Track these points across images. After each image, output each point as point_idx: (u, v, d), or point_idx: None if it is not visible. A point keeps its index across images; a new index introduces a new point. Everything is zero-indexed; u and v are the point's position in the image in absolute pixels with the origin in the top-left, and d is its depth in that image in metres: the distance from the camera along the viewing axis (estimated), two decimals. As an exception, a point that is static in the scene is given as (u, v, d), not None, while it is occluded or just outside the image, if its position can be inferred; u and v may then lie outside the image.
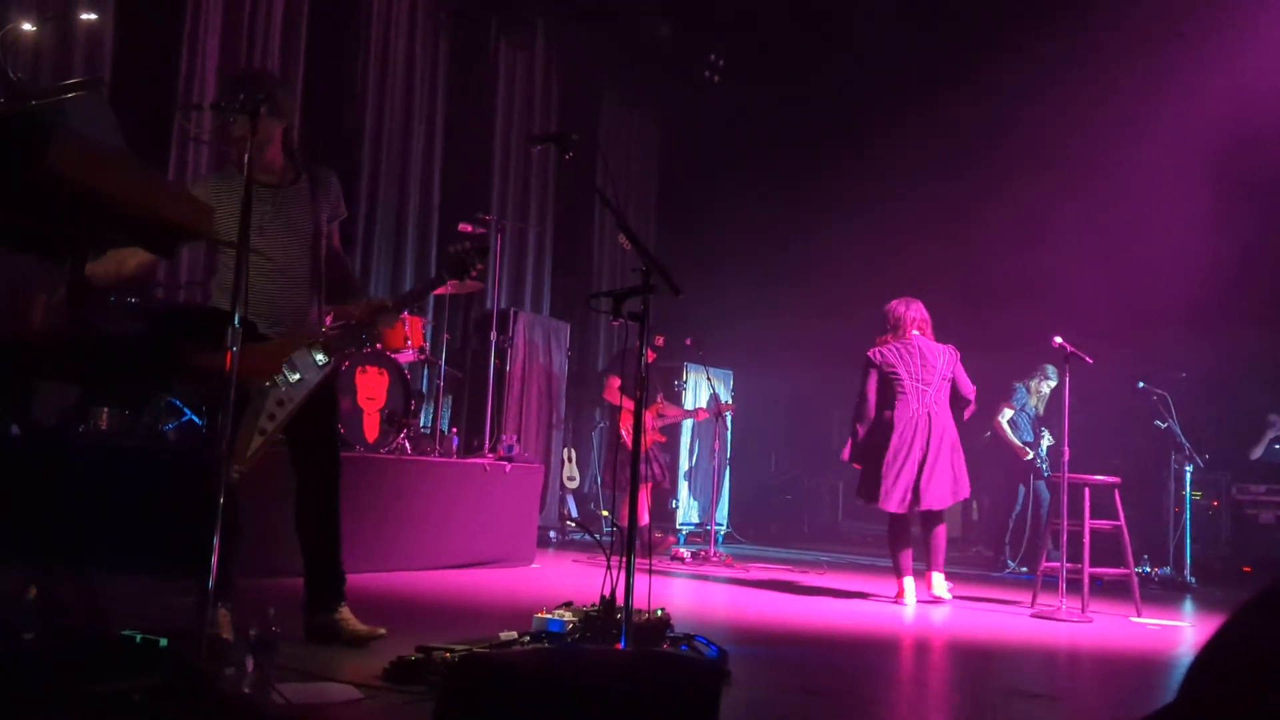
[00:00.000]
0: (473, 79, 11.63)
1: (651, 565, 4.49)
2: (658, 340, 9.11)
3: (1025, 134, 11.31)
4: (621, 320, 3.96)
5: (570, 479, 11.07)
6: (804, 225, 12.37)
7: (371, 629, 4.18)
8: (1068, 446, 6.95)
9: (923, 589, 7.02)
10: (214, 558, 3.16)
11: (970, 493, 7.45)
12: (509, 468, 7.82)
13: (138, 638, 3.21)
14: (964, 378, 7.27)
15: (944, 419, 7.12)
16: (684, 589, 7.34)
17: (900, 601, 6.93)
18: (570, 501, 11.12)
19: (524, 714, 1.92)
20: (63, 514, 4.96)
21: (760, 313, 12.58)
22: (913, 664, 5.09)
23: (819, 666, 4.75)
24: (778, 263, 12.70)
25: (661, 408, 9.87)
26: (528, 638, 3.93)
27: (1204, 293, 10.18)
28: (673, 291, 4.08)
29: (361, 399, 7.37)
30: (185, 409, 6.52)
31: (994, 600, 7.48)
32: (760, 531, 13.03)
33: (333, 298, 4.44)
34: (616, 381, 9.13)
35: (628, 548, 3.77)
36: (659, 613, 4.26)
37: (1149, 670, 5.24)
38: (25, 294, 3.60)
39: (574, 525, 10.32)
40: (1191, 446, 9.63)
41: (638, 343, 4.02)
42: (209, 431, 3.64)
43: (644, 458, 8.15)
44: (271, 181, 4.22)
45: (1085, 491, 6.91)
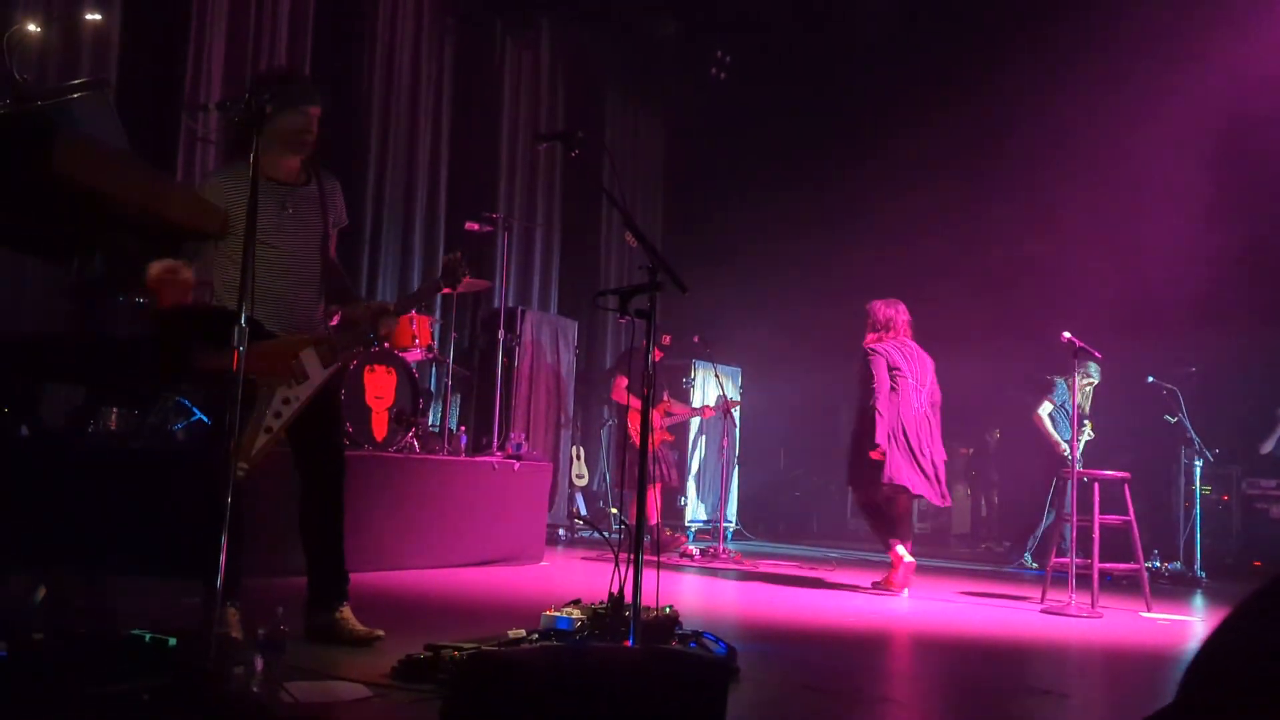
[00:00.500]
0: (478, 79, 11.63)
1: (660, 562, 4.49)
2: (664, 339, 9.11)
3: (1032, 130, 11.28)
4: (628, 318, 3.96)
5: (579, 477, 11.07)
6: (811, 222, 12.34)
7: (370, 630, 4.18)
8: (1076, 441, 6.93)
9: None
10: (222, 557, 3.16)
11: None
12: (517, 466, 7.82)
13: (146, 637, 3.22)
14: (937, 384, 7.46)
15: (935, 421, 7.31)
16: (693, 586, 7.34)
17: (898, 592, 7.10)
18: (579, 499, 11.12)
19: (531, 711, 1.91)
20: (71, 514, 4.97)
21: (768, 310, 12.56)
22: (922, 661, 5.08)
23: (827, 664, 4.74)
24: (785, 260, 12.66)
25: (669, 406, 9.86)
26: (536, 635, 3.92)
27: (1214, 286, 10.14)
28: (679, 289, 4.07)
29: (370, 398, 7.38)
30: (194, 409, 6.53)
31: (1004, 596, 7.47)
32: (769, 529, 13.02)
33: (331, 301, 4.47)
34: (624, 381, 9.13)
35: (635, 545, 3.77)
36: (667, 610, 4.25)
37: (1159, 666, 5.22)
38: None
39: (582, 523, 10.32)
40: (1201, 441, 9.59)
41: (644, 341, 4.01)
42: (215, 430, 3.65)
43: (652, 457, 8.17)
44: (289, 181, 4.26)
45: (1095, 487, 6.90)
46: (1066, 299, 10.41)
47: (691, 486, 11.45)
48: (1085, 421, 9.39)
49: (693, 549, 9.32)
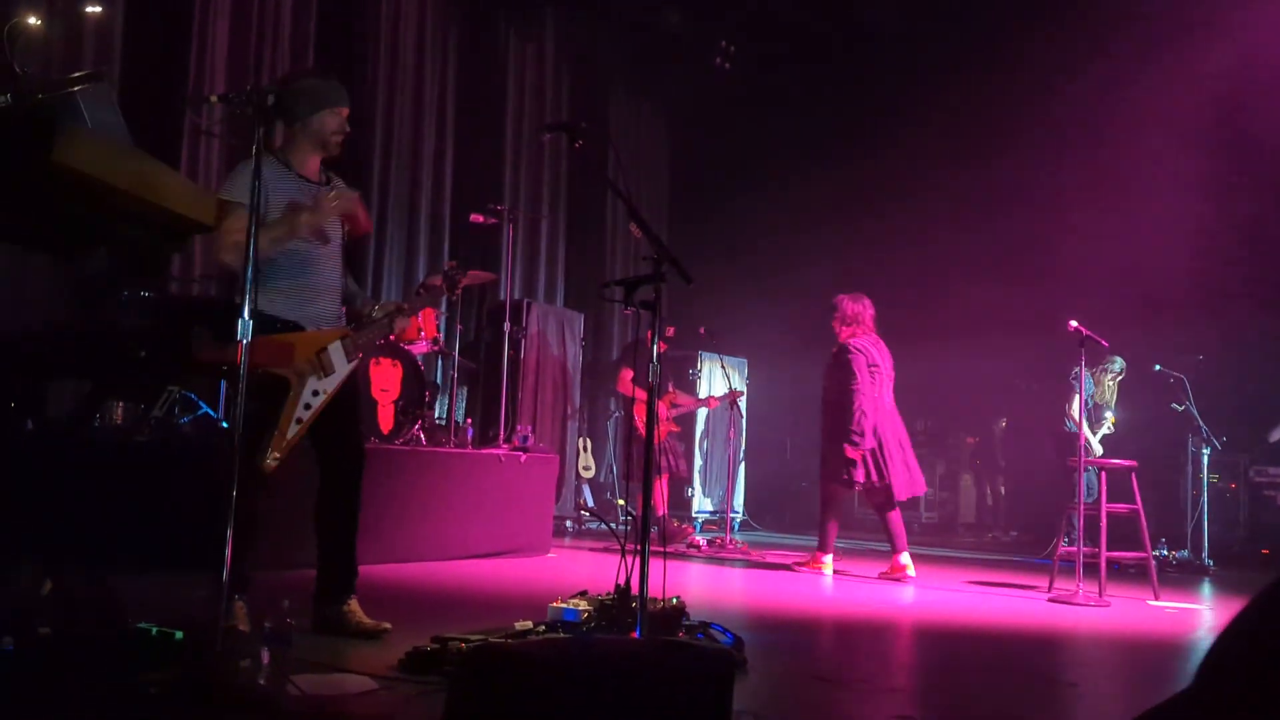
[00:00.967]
0: (482, 72, 11.61)
1: (666, 552, 4.48)
2: (669, 331, 9.09)
3: (1040, 121, 11.25)
4: (633, 309, 3.95)
5: (586, 469, 11.06)
6: (817, 212, 12.31)
7: (377, 623, 4.20)
8: (1082, 431, 6.92)
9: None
10: (228, 550, 3.16)
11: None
12: (524, 458, 7.81)
13: (154, 631, 3.22)
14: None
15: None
16: (700, 577, 7.33)
17: (822, 572, 7.58)
18: (586, 491, 11.11)
19: (537, 703, 1.91)
20: (78, 508, 4.98)
21: (774, 301, 12.52)
22: (929, 650, 5.07)
23: (835, 654, 4.74)
24: (791, 250, 12.63)
25: (674, 397, 9.85)
26: (543, 627, 3.92)
27: (1222, 274, 10.11)
28: (684, 280, 4.06)
29: (376, 391, 7.37)
30: (200, 402, 6.53)
31: (1011, 585, 7.46)
32: (776, 519, 13.01)
33: (341, 301, 4.52)
34: (629, 373, 9.12)
35: (642, 536, 3.76)
36: (674, 601, 4.24)
37: (1167, 654, 5.21)
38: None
39: (589, 515, 10.32)
40: (1209, 429, 9.56)
41: (649, 332, 4.01)
42: (230, 424, 3.65)
43: (659, 449, 8.18)
44: (314, 180, 4.32)
45: (1102, 475, 6.88)
46: (1074, 287, 10.37)
47: (697, 477, 11.45)
48: (1107, 414, 9.34)
49: (700, 540, 9.31)
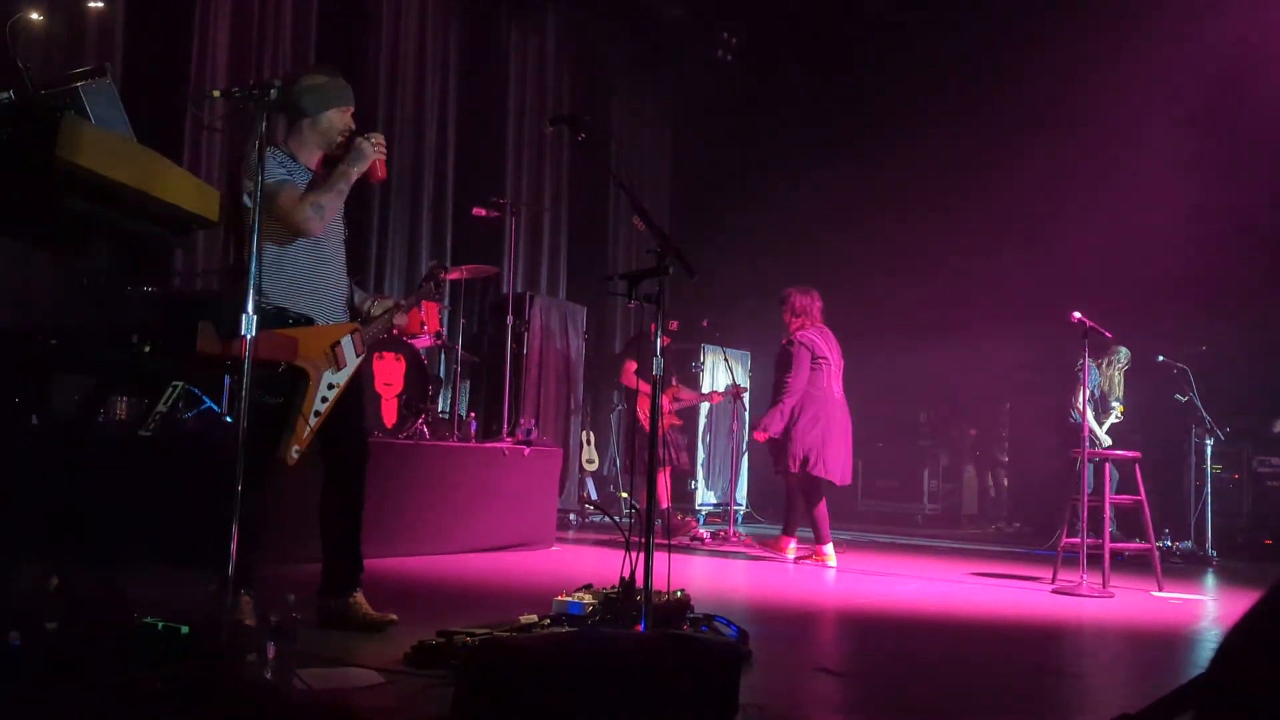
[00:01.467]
0: (484, 63, 11.59)
1: (670, 545, 4.49)
2: (672, 324, 9.09)
3: (1043, 108, 11.23)
4: (637, 302, 3.95)
5: (589, 461, 11.07)
6: (819, 205, 12.29)
7: (383, 615, 4.21)
8: (1086, 423, 6.93)
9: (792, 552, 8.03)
10: (233, 545, 3.17)
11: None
12: (528, 451, 7.82)
13: (159, 626, 3.22)
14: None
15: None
16: (704, 569, 7.34)
17: (827, 564, 7.75)
18: (590, 484, 11.12)
19: (543, 698, 1.91)
20: (83, 504, 4.99)
21: (777, 294, 12.50)
22: (933, 642, 5.06)
23: (839, 646, 4.74)
24: (793, 242, 12.61)
25: (677, 391, 9.85)
26: (548, 621, 3.92)
27: (1225, 265, 10.09)
28: (688, 273, 4.06)
29: (379, 385, 7.38)
30: (204, 397, 6.53)
31: (1015, 577, 7.46)
32: (779, 511, 12.98)
33: None
34: (633, 365, 9.13)
35: (646, 529, 3.76)
36: (679, 594, 4.25)
37: (1171, 645, 5.21)
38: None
39: (593, 509, 10.31)
40: (1212, 420, 9.55)
41: (653, 325, 4.02)
42: (234, 420, 3.65)
43: (661, 441, 8.21)
44: (320, 175, 4.33)
45: (1106, 467, 6.88)
46: (1077, 278, 10.36)
47: (700, 470, 11.45)
48: (1114, 404, 9.32)
49: (703, 532, 9.32)
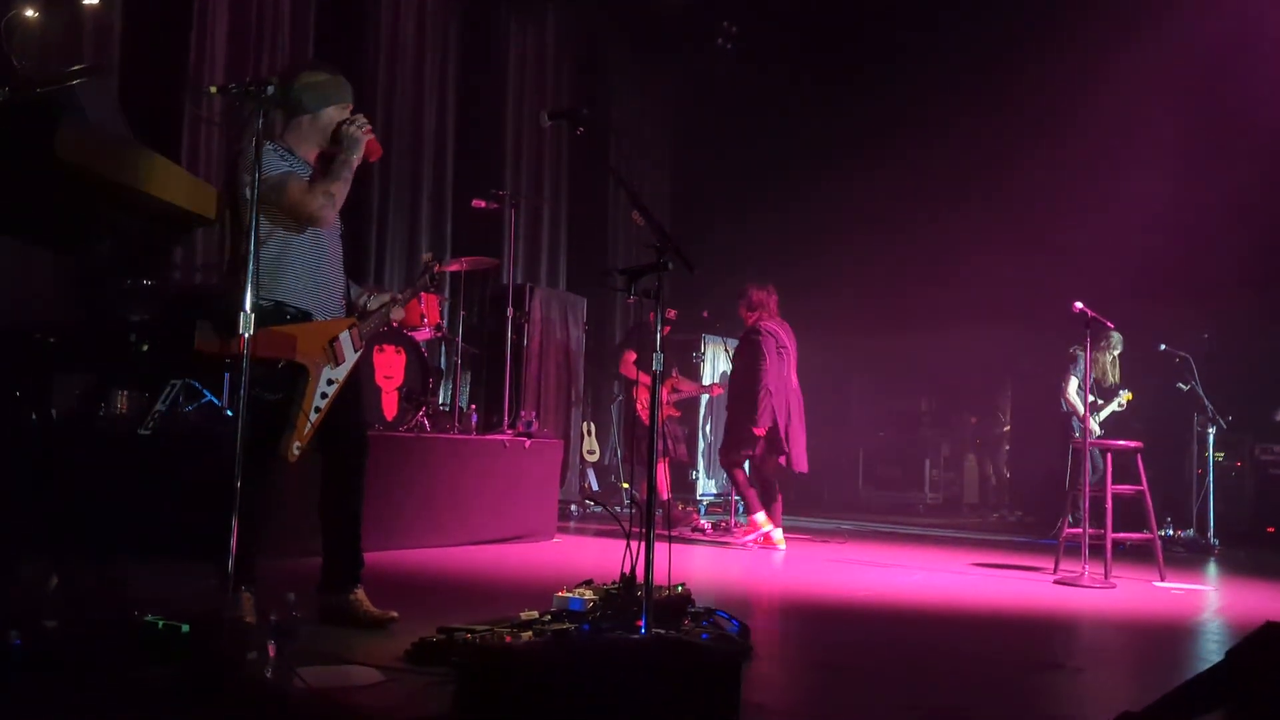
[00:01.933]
0: (483, 56, 11.56)
1: (671, 536, 4.49)
2: (670, 314, 9.06)
3: (1040, 100, 11.20)
4: (636, 298, 3.95)
5: (590, 453, 11.06)
6: (819, 198, 12.27)
7: (384, 612, 4.20)
8: (1087, 411, 6.93)
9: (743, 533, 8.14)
10: (233, 541, 3.17)
11: None
12: (528, 443, 7.81)
13: (160, 624, 3.22)
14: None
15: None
16: (705, 561, 7.34)
17: (776, 547, 7.92)
18: (591, 475, 11.11)
19: (539, 704, 1.91)
20: (84, 500, 4.98)
21: (777, 284, 12.49)
22: (934, 635, 5.06)
23: (842, 640, 4.74)
24: (794, 234, 12.60)
25: (676, 382, 9.84)
26: (549, 617, 3.91)
27: (1226, 252, 10.07)
28: (687, 269, 4.05)
29: (379, 378, 7.38)
30: (205, 391, 6.52)
31: (1017, 567, 7.46)
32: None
33: None
34: (632, 355, 9.12)
35: (647, 524, 3.76)
36: (679, 589, 4.24)
37: (1172, 636, 5.21)
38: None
39: (592, 504, 10.28)
40: (1215, 408, 9.54)
41: (651, 315, 4.01)
42: (234, 415, 3.64)
43: (659, 433, 8.28)
44: (319, 169, 4.32)
45: (1107, 457, 6.88)
46: (1079, 266, 10.34)
47: (701, 460, 11.45)
48: (1120, 391, 9.27)
49: (704, 523, 9.32)
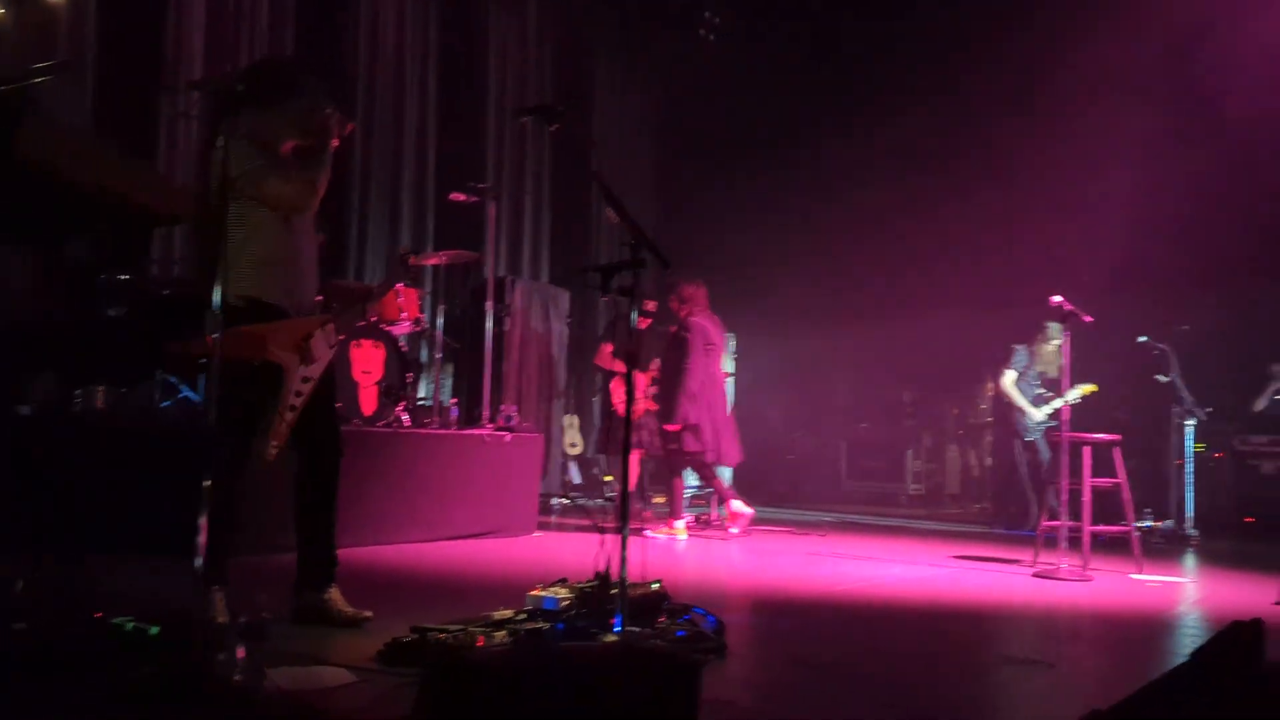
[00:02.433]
0: (465, 47, 11.52)
1: (644, 529, 4.48)
2: (648, 305, 9.04)
3: (1015, 92, 11.23)
4: (611, 296, 3.95)
5: (572, 446, 11.06)
6: (806, 188, 12.29)
7: (358, 611, 4.18)
8: (1066, 405, 6.97)
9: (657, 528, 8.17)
10: (202, 540, 3.15)
11: None
12: (509, 438, 7.80)
13: (129, 626, 3.21)
14: None
15: None
16: (684, 554, 7.34)
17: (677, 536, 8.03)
18: (573, 468, 11.11)
19: (499, 715, 1.90)
20: (56, 497, 4.95)
21: (762, 274, 12.52)
22: (910, 630, 5.06)
23: (818, 636, 4.74)
24: (778, 226, 12.61)
25: (656, 374, 9.82)
26: (523, 616, 3.90)
27: (1205, 244, 10.11)
28: (662, 264, 4.04)
29: (357, 372, 7.34)
30: (181, 386, 6.48)
31: (996, 560, 7.48)
32: (762, 492, 13.02)
33: None
34: (610, 347, 9.11)
35: (621, 520, 3.76)
36: (654, 586, 4.23)
37: (1146, 630, 5.23)
38: None
39: (570, 501, 10.23)
40: (1194, 400, 9.57)
41: (627, 314, 4.01)
42: (207, 413, 3.62)
43: (635, 425, 8.36)
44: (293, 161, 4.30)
45: (1085, 450, 6.89)
46: (1057, 259, 10.37)
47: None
48: (1078, 385, 9.27)
49: (685, 515, 9.30)
